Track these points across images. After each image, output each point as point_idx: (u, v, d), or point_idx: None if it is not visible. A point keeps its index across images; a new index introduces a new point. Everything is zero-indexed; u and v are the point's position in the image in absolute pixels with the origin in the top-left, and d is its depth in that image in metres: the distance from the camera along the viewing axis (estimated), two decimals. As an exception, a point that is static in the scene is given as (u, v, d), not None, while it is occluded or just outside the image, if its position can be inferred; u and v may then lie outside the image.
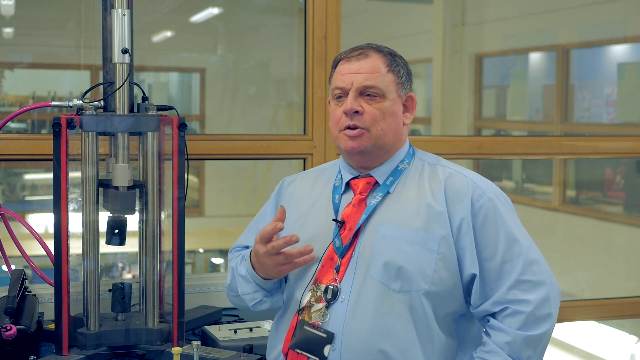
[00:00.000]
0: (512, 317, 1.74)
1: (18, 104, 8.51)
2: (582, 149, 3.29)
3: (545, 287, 1.77)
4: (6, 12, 7.42)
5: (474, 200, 1.79)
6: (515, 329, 1.73)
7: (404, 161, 1.90)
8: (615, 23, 6.93)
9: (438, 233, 1.78)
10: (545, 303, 1.75)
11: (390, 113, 1.86)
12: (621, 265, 6.50)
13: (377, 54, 1.89)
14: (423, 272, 1.76)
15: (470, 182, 1.82)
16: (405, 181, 1.87)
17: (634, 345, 5.88)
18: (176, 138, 2.13)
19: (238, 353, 2.12)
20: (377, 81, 1.85)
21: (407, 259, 1.77)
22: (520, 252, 1.78)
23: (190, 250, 7.64)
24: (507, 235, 1.79)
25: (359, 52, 1.89)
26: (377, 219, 1.83)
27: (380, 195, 1.85)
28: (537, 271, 1.78)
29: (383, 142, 1.86)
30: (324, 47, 2.77)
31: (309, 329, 1.80)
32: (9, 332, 2.01)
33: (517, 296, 1.75)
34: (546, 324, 1.75)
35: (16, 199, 8.40)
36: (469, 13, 8.28)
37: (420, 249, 1.77)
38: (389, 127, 1.86)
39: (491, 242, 1.78)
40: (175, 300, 2.16)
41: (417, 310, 1.76)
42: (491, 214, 1.79)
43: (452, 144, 3.08)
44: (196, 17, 8.74)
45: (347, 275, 1.81)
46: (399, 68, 1.90)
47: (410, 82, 1.93)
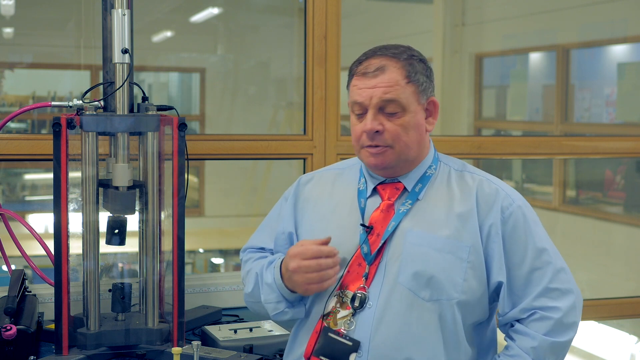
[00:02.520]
0: (540, 322, 1.74)
1: (18, 104, 8.51)
2: (582, 149, 3.29)
3: (573, 296, 1.77)
4: (6, 12, 7.42)
5: (504, 208, 1.78)
6: (542, 334, 1.73)
7: (432, 167, 1.85)
8: (615, 23, 6.93)
9: (468, 241, 1.75)
10: (572, 311, 1.76)
11: (413, 126, 1.78)
12: (621, 265, 6.50)
13: (395, 64, 1.78)
14: (454, 281, 1.73)
15: (500, 189, 1.81)
16: (433, 187, 1.83)
17: (634, 345, 5.88)
18: (176, 138, 2.13)
19: (238, 353, 2.12)
20: (397, 95, 1.75)
21: (438, 268, 1.74)
22: (550, 261, 1.78)
23: (190, 250, 7.64)
24: (536, 243, 1.78)
25: (376, 67, 1.78)
26: (406, 225, 1.78)
27: (409, 203, 1.80)
28: (564, 279, 1.78)
29: (407, 155, 1.80)
30: (324, 47, 2.77)
31: (334, 336, 1.76)
32: (9, 332, 2.01)
33: (545, 303, 1.75)
34: (572, 331, 1.75)
35: (16, 199, 8.40)
36: (469, 13, 8.28)
37: (451, 257, 1.74)
38: (412, 140, 1.78)
39: (520, 249, 1.77)
40: (175, 300, 2.16)
41: (446, 320, 1.74)
42: (521, 222, 1.78)
43: (452, 144, 3.08)
44: (196, 17, 8.74)
45: (375, 282, 1.77)
46: (419, 75, 1.79)
47: (431, 84, 1.82)
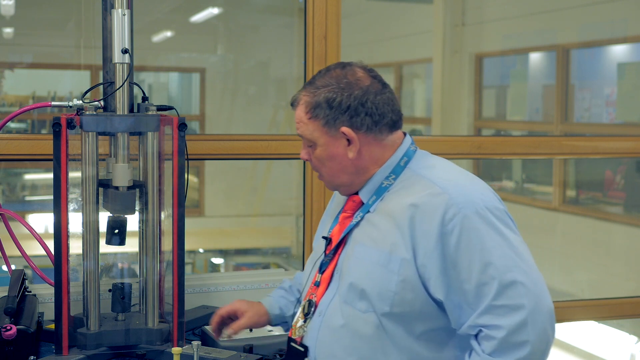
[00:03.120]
0: (485, 341, 1.65)
1: (18, 104, 8.52)
2: (582, 149, 3.28)
3: (523, 312, 1.63)
4: (6, 12, 7.42)
5: (447, 220, 1.67)
6: (487, 353, 1.64)
7: (390, 177, 1.83)
8: (615, 23, 6.93)
9: (400, 254, 1.72)
10: (521, 329, 1.62)
11: (327, 157, 1.83)
12: (621, 265, 6.50)
13: (303, 100, 1.84)
14: (382, 294, 1.73)
15: (447, 197, 1.69)
16: (387, 198, 1.81)
17: (634, 345, 5.88)
18: (176, 138, 2.12)
19: (238, 353, 2.12)
20: (303, 131, 1.84)
21: (369, 281, 1.75)
22: (495, 276, 1.64)
23: (190, 250, 7.65)
24: (482, 256, 1.66)
25: (292, 100, 1.88)
26: (355, 238, 1.83)
27: (361, 215, 1.84)
28: (514, 295, 1.64)
29: (338, 182, 1.87)
30: (324, 47, 2.77)
31: (293, 344, 1.85)
32: (9, 332, 2.01)
33: (489, 321, 1.65)
34: (521, 351, 1.62)
35: (16, 199, 8.40)
36: (469, 13, 8.28)
37: (382, 270, 1.73)
38: (332, 170, 1.84)
39: (466, 264, 1.66)
40: (175, 300, 2.16)
41: (385, 330, 1.74)
42: (465, 234, 1.67)
43: (452, 144, 3.08)
44: (196, 17, 8.74)
45: (328, 292, 1.84)
46: (318, 110, 1.80)
47: (341, 114, 1.80)
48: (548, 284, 1.73)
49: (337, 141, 1.81)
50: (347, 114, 1.80)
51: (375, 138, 1.82)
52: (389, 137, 1.84)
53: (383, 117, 1.81)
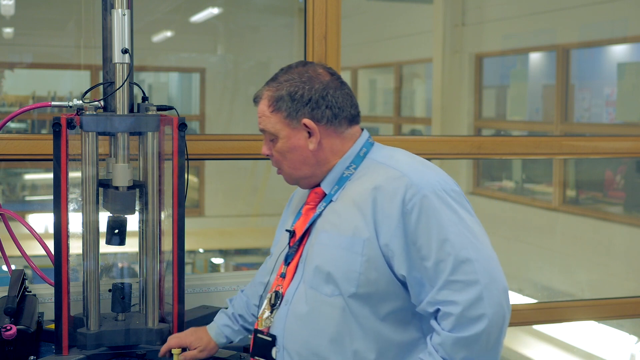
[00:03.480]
0: (444, 319, 1.71)
1: (18, 104, 8.52)
2: (582, 149, 3.28)
3: (478, 287, 1.69)
4: (6, 12, 7.43)
5: (406, 200, 1.75)
6: (447, 330, 1.70)
7: (350, 167, 1.91)
8: (615, 23, 6.93)
9: (363, 235, 1.78)
10: (476, 303, 1.69)
11: (288, 150, 1.90)
12: (621, 265, 6.50)
13: (265, 94, 1.91)
14: (348, 275, 1.78)
15: (406, 180, 1.77)
16: (350, 188, 1.88)
17: (634, 345, 5.88)
18: (176, 138, 2.13)
19: (238, 353, 2.12)
20: (265, 125, 1.91)
21: (334, 264, 1.80)
22: (450, 252, 1.71)
23: (190, 250, 7.65)
24: (439, 233, 1.73)
25: (255, 96, 1.94)
26: (320, 227, 1.88)
27: (324, 205, 1.90)
28: (469, 271, 1.71)
29: (299, 174, 1.93)
30: (324, 47, 2.77)
31: (260, 335, 1.89)
32: (9, 332, 2.01)
33: (446, 297, 1.71)
34: (479, 324, 1.68)
35: (16, 199, 8.41)
36: (469, 13, 8.28)
37: (347, 253, 1.79)
38: (294, 162, 1.91)
39: (425, 242, 1.74)
40: (175, 300, 2.16)
41: (352, 313, 1.78)
42: (424, 213, 1.74)
43: (452, 144, 3.08)
44: (196, 17, 8.75)
45: (293, 281, 1.88)
46: (281, 103, 1.88)
47: (302, 106, 1.87)
48: (548, 284, 1.75)
49: (299, 133, 1.89)
50: (308, 106, 1.88)
51: (335, 130, 1.89)
52: (348, 130, 1.92)
53: (342, 110, 1.89)
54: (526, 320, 3.59)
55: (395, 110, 9.54)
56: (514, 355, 6.96)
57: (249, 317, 2.15)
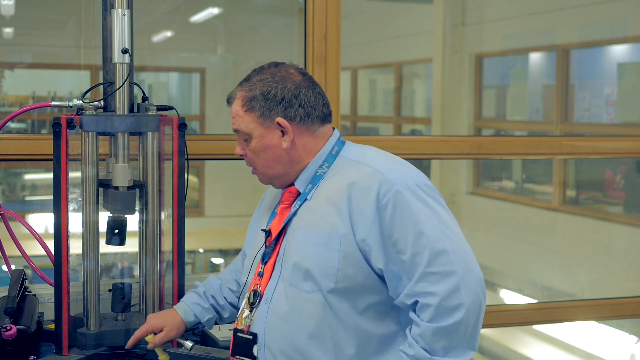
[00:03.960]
0: (423, 311, 1.75)
1: (18, 104, 8.52)
2: (582, 149, 3.28)
3: (455, 277, 1.73)
4: (6, 12, 7.43)
5: (381, 196, 1.79)
6: (426, 321, 1.74)
7: (323, 165, 1.94)
8: (615, 23, 6.94)
9: (340, 231, 1.81)
10: (454, 293, 1.73)
11: (262, 149, 1.92)
12: (621, 265, 6.50)
13: (238, 95, 1.94)
14: (326, 271, 1.81)
15: (380, 176, 1.81)
16: (323, 185, 1.91)
17: (634, 345, 5.89)
18: (176, 138, 2.13)
19: (238, 353, 2.12)
20: (238, 125, 1.93)
21: (312, 261, 1.83)
22: (426, 245, 1.75)
23: (190, 250, 7.65)
24: (414, 227, 1.77)
25: (228, 97, 1.96)
26: (296, 225, 1.90)
27: (298, 204, 1.92)
28: (445, 262, 1.75)
29: (272, 173, 1.95)
30: (324, 47, 2.77)
31: (241, 334, 1.91)
32: (9, 332, 2.01)
33: (424, 289, 1.75)
34: (457, 314, 1.73)
35: (16, 199, 8.41)
36: (469, 13, 8.28)
37: (324, 249, 1.82)
38: (267, 161, 1.93)
39: (401, 236, 1.77)
40: (175, 300, 2.16)
41: (331, 308, 1.82)
42: (399, 208, 1.78)
43: (452, 144, 3.07)
44: (196, 17, 8.75)
45: (271, 280, 1.90)
46: (254, 102, 1.91)
47: (275, 105, 1.91)
48: (548, 284, 1.77)
49: (272, 132, 1.91)
50: (281, 105, 1.91)
51: (308, 129, 1.92)
52: (320, 129, 1.94)
53: (315, 109, 1.93)
54: (526, 320, 3.60)
55: (395, 110, 9.54)
56: (514, 355, 6.96)
57: (221, 299, 2.17)
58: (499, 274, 7.77)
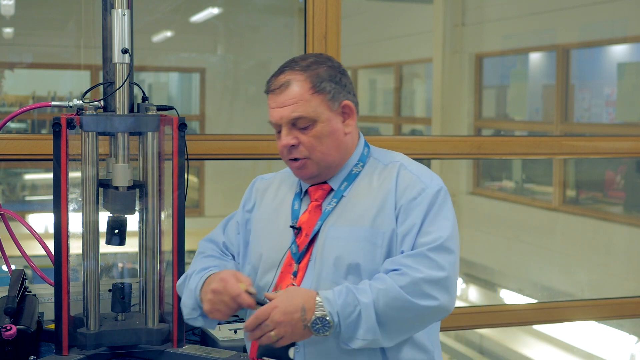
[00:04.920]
0: (400, 276, 1.73)
1: (18, 104, 8.52)
2: (582, 149, 3.28)
3: (444, 274, 1.74)
4: (6, 12, 7.43)
5: (417, 194, 1.82)
6: (398, 285, 1.71)
7: (358, 164, 1.92)
8: (615, 23, 6.93)
9: (384, 227, 1.81)
10: (435, 284, 1.73)
11: (327, 134, 1.85)
12: (621, 265, 6.50)
13: (299, 78, 1.84)
14: (372, 267, 1.80)
15: (415, 178, 1.85)
16: (359, 184, 1.89)
17: (634, 345, 5.89)
18: (176, 138, 2.12)
19: (238, 353, 2.12)
20: (303, 110, 1.82)
21: (356, 256, 1.80)
22: (441, 236, 1.78)
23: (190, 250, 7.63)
24: (435, 216, 1.81)
25: (281, 83, 1.84)
26: (331, 222, 1.86)
27: (335, 201, 1.88)
28: (445, 258, 1.76)
29: (328, 162, 1.88)
30: (324, 47, 2.77)
31: None
32: (9, 332, 2.01)
33: (413, 264, 1.74)
34: (427, 301, 1.71)
35: (16, 199, 8.41)
36: (469, 13, 8.28)
37: (367, 245, 1.80)
38: (329, 148, 1.86)
39: (418, 217, 1.79)
40: (175, 300, 2.16)
41: None
42: (433, 206, 1.82)
43: (452, 144, 3.07)
44: (196, 17, 8.75)
45: (305, 279, 1.85)
46: (324, 84, 1.84)
47: (343, 88, 1.88)
48: (548, 284, 1.79)
49: (336, 117, 1.87)
50: (345, 89, 1.88)
51: (356, 120, 1.91)
52: None
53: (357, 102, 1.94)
54: (526, 320, 3.60)
55: (395, 110, 9.54)
56: (514, 355, 6.97)
57: None
58: (499, 274, 7.77)
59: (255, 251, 1.95)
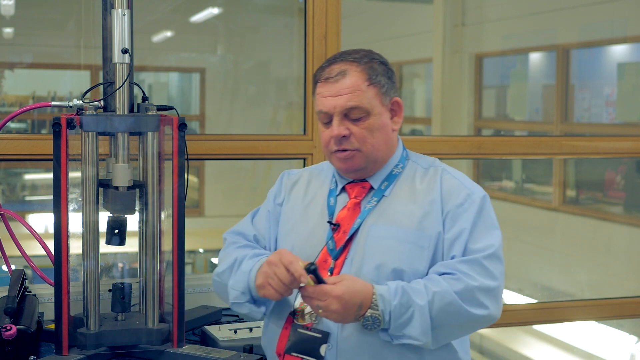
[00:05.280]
0: (454, 280, 1.72)
1: (18, 104, 8.51)
2: (582, 149, 3.29)
3: (496, 283, 1.76)
4: (6, 12, 7.42)
5: (464, 199, 1.82)
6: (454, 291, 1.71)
7: (398, 165, 1.91)
8: (615, 23, 6.93)
9: (430, 230, 1.80)
10: (488, 293, 1.74)
11: (378, 127, 1.84)
12: (621, 265, 6.50)
13: (355, 68, 1.82)
14: (417, 270, 1.78)
15: (459, 183, 1.86)
16: (399, 185, 1.88)
17: (634, 345, 5.88)
18: (176, 138, 2.13)
19: (238, 353, 2.12)
20: (359, 100, 1.81)
21: (400, 260, 1.78)
22: (493, 244, 1.79)
23: (190, 250, 7.64)
24: (485, 223, 1.81)
25: (337, 72, 1.83)
26: (371, 221, 1.84)
27: (375, 200, 1.87)
28: (497, 268, 1.78)
29: (376, 156, 1.87)
30: (324, 47, 2.77)
31: (303, 331, 1.81)
32: (9, 332, 2.01)
33: (468, 270, 1.74)
34: (477, 310, 1.72)
35: (16, 199, 8.40)
36: (469, 13, 8.28)
37: (412, 247, 1.79)
38: (379, 142, 1.85)
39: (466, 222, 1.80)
40: (175, 300, 2.16)
41: None
42: (481, 212, 1.82)
43: (452, 144, 3.08)
44: (196, 17, 8.74)
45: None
46: (380, 77, 1.84)
47: (393, 85, 1.88)
48: (548, 284, 1.81)
49: (386, 112, 1.86)
50: (395, 86, 1.88)
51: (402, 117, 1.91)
52: None
53: None
54: (526, 320, 3.60)
55: (396, 110, 9.51)
56: (514, 355, 6.96)
57: None
58: (499, 274, 7.75)
59: (286, 246, 1.92)
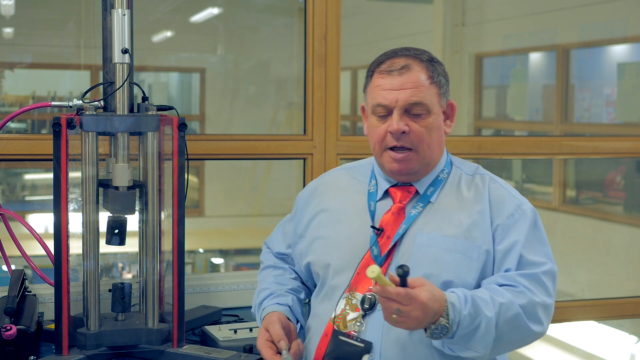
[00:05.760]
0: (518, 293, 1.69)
1: (18, 104, 8.51)
2: (582, 149, 3.28)
3: (551, 300, 1.74)
4: (6, 12, 7.42)
5: (514, 210, 1.78)
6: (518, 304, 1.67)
7: (444, 171, 1.86)
8: (615, 23, 6.93)
9: (479, 241, 1.75)
10: (545, 310, 1.72)
11: (435, 128, 1.79)
12: (621, 265, 6.50)
13: (419, 64, 1.78)
14: (465, 282, 1.73)
15: (507, 193, 1.81)
16: (445, 191, 1.83)
17: (634, 345, 5.88)
18: (176, 138, 2.12)
19: (238, 353, 2.12)
20: (423, 96, 1.75)
21: (449, 271, 1.73)
22: (547, 261, 1.77)
23: (190, 250, 7.64)
24: (537, 237, 1.78)
25: (402, 65, 1.78)
26: (417, 228, 1.78)
27: (421, 206, 1.81)
28: (552, 284, 1.76)
29: (429, 158, 1.81)
30: (324, 47, 2.77)
31: (345, 338, 1.75)
32: (9, 332, 2.01)
33: (528, 285, 1.71)
34: (534, 325, 1.69)
35: (16, 199, 8.40)
36: (469, 13, 8.28)
37: (461, 256, 1.74)
38: (434, 142, 1.80)
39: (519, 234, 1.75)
40: (175, 300, 2.16)
41: None
42: (532, 224, 1.78)
43: (452, 144, 3.07)
44: (196, 17, 8.74)
45: None
46: (440, 77, 1.79)
47: (448, 88, 1.84)
48: None
49: (440, 114, 1.81)
50: (449, 89, 1.84)
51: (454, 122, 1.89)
52: None
53: None
54: (526, 320, 3.59)
55: (395, 110, 9.52)
56: (514, 355, 6.96)
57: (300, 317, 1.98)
58: (499, 274, 7.76)
59: (321, 251, 1.89)
